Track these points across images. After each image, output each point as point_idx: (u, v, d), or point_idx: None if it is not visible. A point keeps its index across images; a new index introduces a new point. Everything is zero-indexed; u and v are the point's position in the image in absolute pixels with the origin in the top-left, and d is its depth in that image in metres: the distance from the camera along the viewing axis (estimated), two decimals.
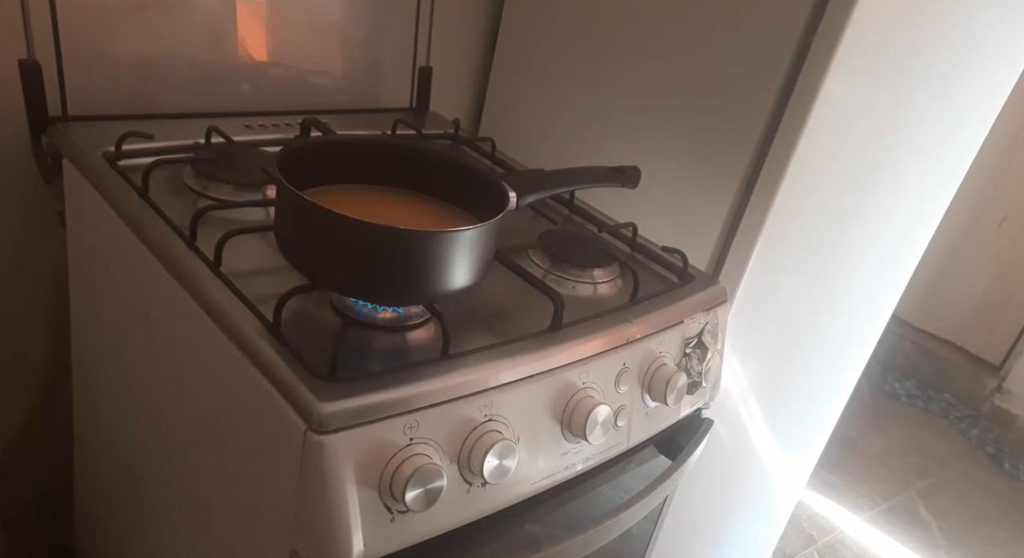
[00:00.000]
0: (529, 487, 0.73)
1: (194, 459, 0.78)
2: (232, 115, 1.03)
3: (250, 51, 1.12)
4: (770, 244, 1.03)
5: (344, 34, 1.21)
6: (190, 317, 0.69)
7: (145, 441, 0.89)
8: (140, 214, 0.77)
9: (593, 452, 0.77)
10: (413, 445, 0.61)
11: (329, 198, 0.70)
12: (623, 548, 0.99)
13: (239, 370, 0.63)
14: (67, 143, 0.89)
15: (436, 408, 0.62)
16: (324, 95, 1.21)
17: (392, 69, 1.27)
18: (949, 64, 1.09)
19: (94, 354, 0.99)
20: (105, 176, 0.83)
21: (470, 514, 0.68)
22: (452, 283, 0.65)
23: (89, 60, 0.95)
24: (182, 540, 0.85)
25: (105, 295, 0.92)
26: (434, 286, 0.65)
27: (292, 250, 0.67)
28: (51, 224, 0.99)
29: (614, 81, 1.17)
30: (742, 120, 1.00)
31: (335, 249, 0.63)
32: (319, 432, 0.57)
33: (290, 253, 0.67)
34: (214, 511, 0.76)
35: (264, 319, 0.64)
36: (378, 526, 0.61)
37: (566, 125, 1.25)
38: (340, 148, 0.76)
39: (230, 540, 0.74)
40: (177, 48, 1.03)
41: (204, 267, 0.70)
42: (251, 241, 0.76)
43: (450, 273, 0.64)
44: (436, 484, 0.61)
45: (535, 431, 0.70)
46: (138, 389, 0.88)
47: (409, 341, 0.69)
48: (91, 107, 0.95)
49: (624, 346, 0.77)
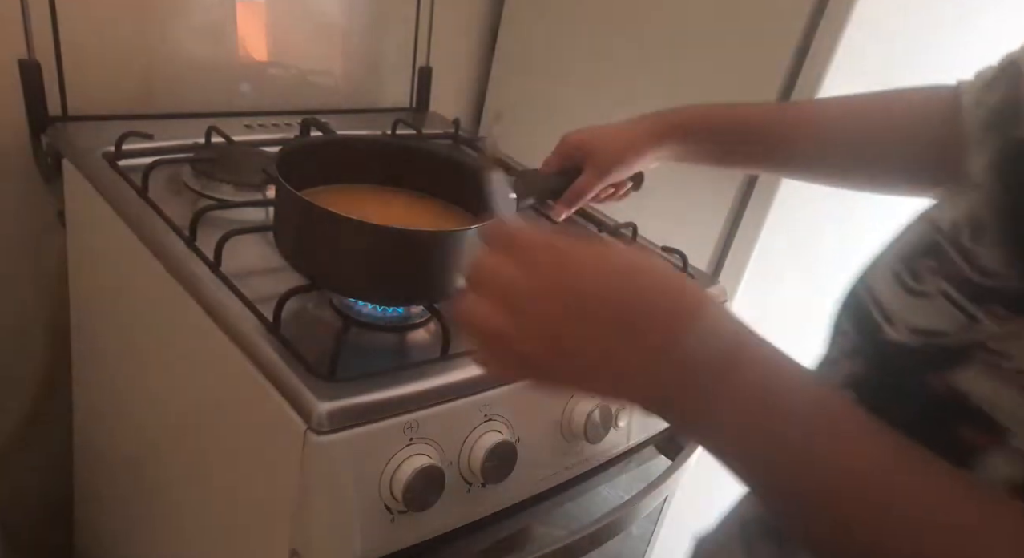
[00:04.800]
0: (529, 487, 0.73)
1: (194, 459, 0.78)
2: (232, 115, 1.03)
3: (250, 51, 1.12)
4: (770, 244, 1.03)
5: (344, 34, 1.21)
6: (190, 317, 0.69)
7: (145, 441, 0.89)
8: (140, 214, 0.77)
9: (593, 452, 0.77)
10: (413, 445, 0.61)
11: (328, 198, 0.70)
12: (623, 548, 0.99)
13: (239, 370, 0.63)
14: (67, 143, 0.89)
15: (436, 408, 0.62)
16: (324, 95, 1.21)
17: (392, 69, 1.27)
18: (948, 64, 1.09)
19: (94, 354, 0.99)
20: (105, 176, 0.83)
21: (470, 514, 0.68)
22: (453, 283, 0.65)
23: (89, 60, 0.95)
24: (182, 539, 0.85)
25: (105, 295, 0.92)
26: (435, 286, 0.65)
27: (291, 250, 0.67)
28: (51, 224, 0.99)
29: (614, 81, 1.17)
30: None
31: (335, 250, 0.63)
32: (319, 432, 0.57)
33: (289, 253, 0.67)
34: (214, 511, 0.76)
35: (264, 319, 0.64)
36: (378, 526, 0.61)
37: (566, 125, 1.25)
38: (339, 148, 0.76)
39: (230, 540, 0.74)
40: (177, 48, 1.03)
41: (204, 267, 0.70)
42: (251, 241, 0.76)
43: (451, 273, 0.64)
44: (436, 484, 0.61)
45: (535, 431, 0.70)
46: (138, 389, 0.88)
47: (409, 341, 0.69)
48: (91, 107, 0.95)
49: None
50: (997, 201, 0.42)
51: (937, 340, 0.43)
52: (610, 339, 0.40)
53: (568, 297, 0.41)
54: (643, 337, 0.40)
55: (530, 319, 0.41)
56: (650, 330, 0.40)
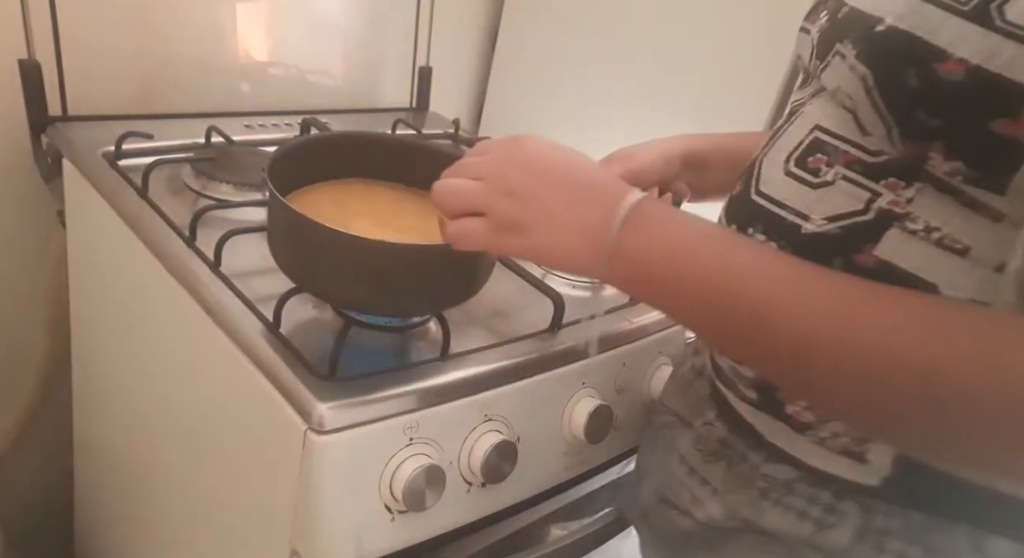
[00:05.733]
0: (529, 487, 0.73)
1: (194, 459, 0.78)
2: (232, 115, 1.03)
3: (250, 51, 1.12)
4: None
5: (344, 34, 1.21)
6: (190, 317, 0.69)
7: (145, 441, 0.89)
8: (140, 214, 0.77)
9: (593, 452, 0.77)
10: (413, 445, 0.61)
11: (324, 196, 0.69)
12: (623, 548, 0.99)
13: (239, 370, 0.63)
14: (67, 143, 0.89)
15: (436, 408, 0.62)
16: (324, 95, 1.21)
17: (392, 69, 1.27)
18: None
19: (94, 354, 0.99)
20: (105, 176, 0.83)
21: (470, 514, 0.68)
22: (458, 296, 0.64)
23: (89, 60, 0.95)
24: (182, 540, 0.85)
25: (105, 295, 0.92)
26: (439, 299, 0.64)
27: (285, 262, 0.63)
28: (51, 224, 0.99)
29: (614, 81, 1.17)
30: (743, 121, 1.00)
31: (331, 265, 0.60)
32: (319, 432, 0.57)
33: (283, 264, 0.63)
34: (214, 511, 0.76)
35: (264, 319, 0.64)
36: (378, 526, 0.61)
37: (566, 124, 1.25)
38: (335, 145, 0.74)
39: (230, 540, 0.74)
40: (177, 48, 1.03)
41: (204, 267, 0.70)
42: (251, 241, 0.76)
43: (454, 286, 0.63)
44: (436, 484, 0.61)
45: (535, 431, 0.70)
46: (138, 389, 0.88)
47: (409, 341, 0.69)
48: (91, 107, 0.95)
49: (624, 346, 0.77)
50: (872, 87, 0.46)
51: (853, 220, 0.49)
52: (563, 196, 0.49)
53: (528, 164, 0.51)
54: (592, 200, 0.49)
55: (496, 179, 0.50)
56: (596, 198, 0.49)
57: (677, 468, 0.64)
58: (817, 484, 0.54)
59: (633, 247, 0.47)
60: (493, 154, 0.52)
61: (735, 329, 0.46)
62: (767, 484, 0.56)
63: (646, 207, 0.48)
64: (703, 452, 0.62)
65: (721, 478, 0.60)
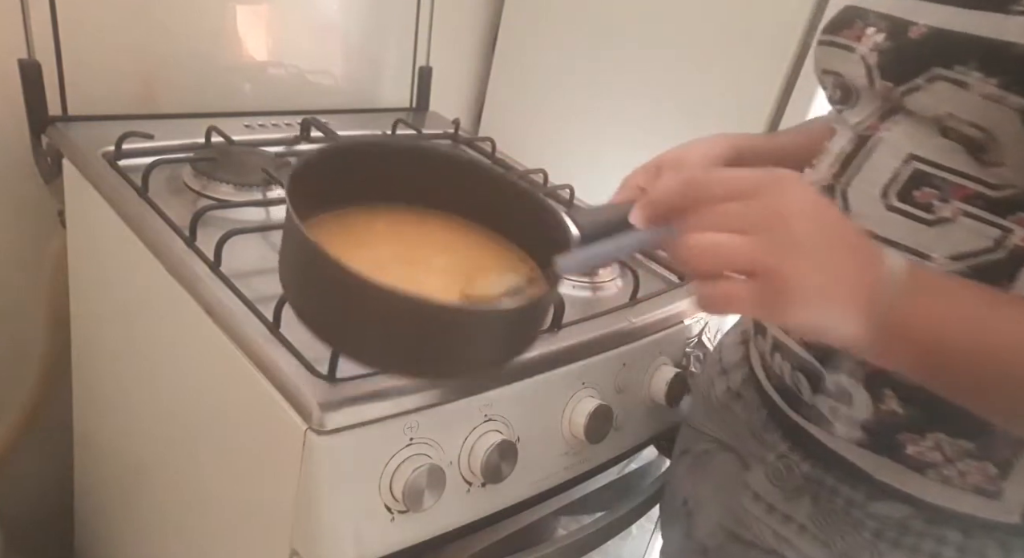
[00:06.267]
0: (529, 487, 0.73)
1: (194, 459, 0.78)
2: (232, 115, 1.03)
3: (250, 51, 1.12)
4: None
5: (344, 34, 1.21)
6: (190, 317, 0.69)
7: (145, 441, 0.89)
8: (140, 214, 0.77)
9: (593, 452, 0.77)
10: (413, 445, 0.61)
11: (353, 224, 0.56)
12: (623, 548, 0.99)
13: (239, 370, 0.63)
14: (67, 143, 0.89)
15: (436, 408, 0.62)
16: (324, 95, 1.21)
17: (392, 69, 1.27)
18: None
19: (94, 354, 0.99)
20: (105, 176, 0.83)
21: (470, 514, 0.68)
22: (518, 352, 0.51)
23: (89, 60, 0.95)
24: (182, 540, 0.85)
25: (105, 295, 0.92)
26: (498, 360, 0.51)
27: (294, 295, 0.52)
28: (51, 224, 0.99)
29: (614, 81, 1.17)
30: (742, 120, 1.00)
31: (382, 328, 0.48)
32: (319, 432, 0.57)
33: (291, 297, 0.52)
34: (214, 511, 0.76)
35: (264, 319, 0.64)
36: (378, 526, 0.61)
37: (566, 125, 1.25)
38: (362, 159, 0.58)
39: (230, 539, 0.74)
40: (177, 48, 1.03)
41: (204, 267, 0.70)
42: (251, 241, 0.76)
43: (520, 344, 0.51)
44: (436, 484, 0.61)
45: (535, 431, 0.70)
46: (138, 389, 0.88)
47: None
48: (91, 107, 0.95)
49: (624, 346, 0.77)
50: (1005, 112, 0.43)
51: (983, 258, 0.46)
52: (838, 261, 0.40)
53: (808, 215, 0.40)
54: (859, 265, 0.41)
55: (775, 236, 0.39)
56: (860, 261, 0.41)
57: (751, 505, 0.61)
58: (938, 522, 0.51)
59: (905, 314, 0.41)
60: (762, 201, 0.41)
61: (1009, 395, 0.43)
62: (879, 524, 0.53)
63: (915, 269, 0.42)
64: (783, 488, 0.59)
65: (808, 514, 0.57)
